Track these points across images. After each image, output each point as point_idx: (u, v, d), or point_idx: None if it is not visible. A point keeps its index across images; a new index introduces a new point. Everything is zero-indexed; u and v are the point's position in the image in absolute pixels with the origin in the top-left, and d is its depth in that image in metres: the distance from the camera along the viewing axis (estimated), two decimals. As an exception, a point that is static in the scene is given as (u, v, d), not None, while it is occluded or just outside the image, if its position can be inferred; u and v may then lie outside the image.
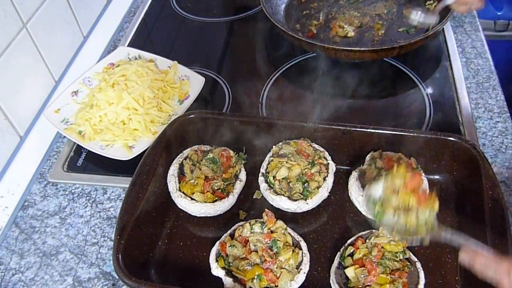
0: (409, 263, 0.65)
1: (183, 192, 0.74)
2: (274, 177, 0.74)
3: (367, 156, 0.78)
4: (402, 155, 0.76)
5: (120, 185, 0.84)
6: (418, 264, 0.65)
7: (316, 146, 0.79)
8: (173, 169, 0.77)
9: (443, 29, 1.11)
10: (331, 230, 0.74)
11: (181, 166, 0.77)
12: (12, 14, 0.85)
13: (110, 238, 0.77)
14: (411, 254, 0.66)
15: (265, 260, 0.64)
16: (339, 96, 0.99)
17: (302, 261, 0.66)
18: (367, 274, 0.63)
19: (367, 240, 0.67)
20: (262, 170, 0.78)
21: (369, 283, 0.62)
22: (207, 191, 0.74)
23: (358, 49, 0.95)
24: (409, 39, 0.96)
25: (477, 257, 0.57)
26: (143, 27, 1.22)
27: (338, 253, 0.68)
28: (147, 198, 0.72)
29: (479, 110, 0.93)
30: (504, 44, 1.53)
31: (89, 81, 0.97)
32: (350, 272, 0.64)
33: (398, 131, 0.77)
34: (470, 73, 1.01)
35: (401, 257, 0.64)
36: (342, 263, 0.66)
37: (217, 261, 0.67)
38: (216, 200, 0.74)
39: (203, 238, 0.74)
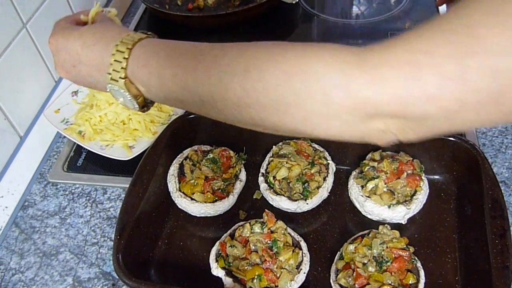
0: (413, 258, 0.65)
1: (183, 192, 0.74)
2: (274, 177, 0.74)
3: (367, 156, 0.78)
4: (404, 154, 0.76)
5: (120, 185, 0.84)
6: (418, 264, 0.65)
7: (316, 146, 0.79)
8: (173, 169, 0.77)
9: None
10: (331, 230, 0.74)
11: (181, 166, 0.77)
12: (12, 14, 0.85)
13: (110, 238, 0.77)
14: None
15: (265, 260, 0.64)
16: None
17: (302, 261, 0.66)
18: (354, 281, 0.63)
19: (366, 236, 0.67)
20: (262, 170, 0.78)
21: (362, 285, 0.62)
22: (207, 191, 0.74)
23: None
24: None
25: None
26: (143, 27, 1.22)
27: (338, 252, 0.68)
28: (147, 198, 0.72)
29: (479, 110, 0.93)
30: (504, 44, 1.53)
31: (89, 81, 0.97)
32: (341, 280, 0.64)
33: (398, 131, 0.77)
34: (470, 73, 1.01)
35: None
36: (335, 265, 0.67)
37: (217, 261, 0.67)
38: (216, 200, 0.74)
39: (203, 238, 0.74)
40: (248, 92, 0.45)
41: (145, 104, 0.58)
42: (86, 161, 0.88)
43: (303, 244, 0.68)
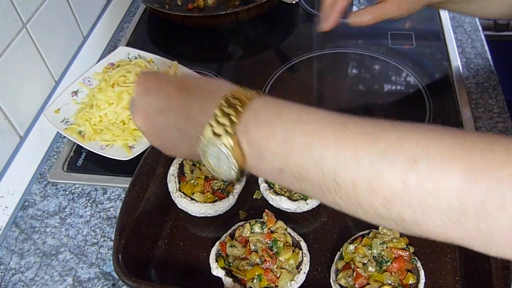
0: (413, 259, 0.65)
1: (183, 192, 0.74)
2: (274, 177, 0.74)
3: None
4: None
5: (120, 185, 0.84)
6: (418, 264, 0.65)
7: (316, 146, 0.79)
8: (173, 169, 0.77)
9: (442, 29, 1.11)
10: (331, 230, 0.74)
11: (181, 166, 0.77)
12: (12, 14, 0.85)
13: (110, 238, 0.77)
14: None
15: (265, 260, 0.64)
16: (340, 94, 0.99)
17: (302, 261, 0.66)
18: (354, 281, 0.62)
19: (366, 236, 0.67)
20: (262, 170, 0.77)
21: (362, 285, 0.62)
22: (207, 191, 0.74)
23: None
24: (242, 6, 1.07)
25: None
26: (143, 27, 1.22)
27: (338, 252, 0.68)
28: (147, 198, 0.72)
29: (479, 110, 0.93)
30: (504, 44, 1.53)
31: (89, 81, 0.97)
32: (341, 280, 0.64)
33: (398, 131, 0.77)
34: (470, 73, 1.01)
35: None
36: (335, 265, 0.67)
37: (217, 261, 0.67)
38: (216, 200, 0.74)
39: (203, 238, 0.74)
40: (410, 189, 0.36)
41: (242, 173, 0.47)
42: (86, 161, 0.88)
43: (303, 244, 0.68)
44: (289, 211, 0.74)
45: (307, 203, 0.73)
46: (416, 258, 0.66)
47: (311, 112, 0.43)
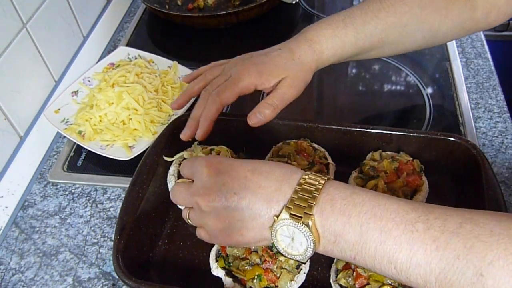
0: None
1: (183, 192, 0.74)
2: (274, 177, 0.74)
3: (367, 156, 0.78)
4: (404, 154, 0.76)
5: (120, 185, 0.84)
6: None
7: (316, 146, 0.79)
8: (173, 169, 0.77)
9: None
10: (331, 230, 0.74)
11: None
12: (12, 14, 0.85)
13: (110, 238, 0.77)
14: None
15: (265, 260, 0.64)
16: (340, 95, 0.99)
17: (302, 261, 0.66)
18: (354, 281, 0.62)
19: None
20: (262, 170, 0.77)
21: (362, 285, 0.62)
22: (207, 191, 0.74)
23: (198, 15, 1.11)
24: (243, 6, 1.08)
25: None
26: (143, 27, 1.22)
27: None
28: (147, 198, 0.72)
29: (479, 110, 0.93)
30: (504, 44, 1.53)
31: (89, 81, 0.97)
32: (341, 280, 0.64)
33: (398, 131, 0.77)
34: (470, 73, 1.01)
35: None
36: (335, 265, 0.66)
37: (217, 261, 0.67)
38: (216, 200, 0.74)
39: (203, 238, 0.74)
40: None
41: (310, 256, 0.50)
42: (86, 161, 0.88)
43: (303, 244, 0.68)
44: (289, 211, 0.74)
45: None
46: None
47: (382, 204, 0.46)
